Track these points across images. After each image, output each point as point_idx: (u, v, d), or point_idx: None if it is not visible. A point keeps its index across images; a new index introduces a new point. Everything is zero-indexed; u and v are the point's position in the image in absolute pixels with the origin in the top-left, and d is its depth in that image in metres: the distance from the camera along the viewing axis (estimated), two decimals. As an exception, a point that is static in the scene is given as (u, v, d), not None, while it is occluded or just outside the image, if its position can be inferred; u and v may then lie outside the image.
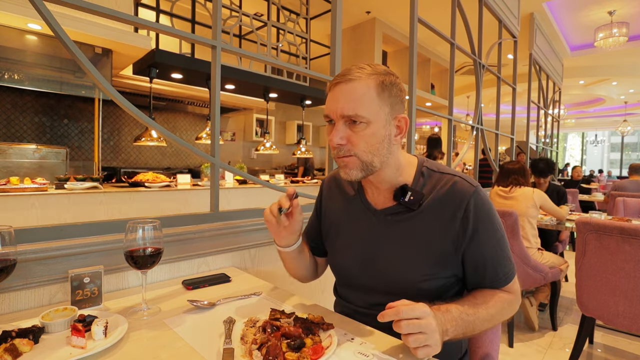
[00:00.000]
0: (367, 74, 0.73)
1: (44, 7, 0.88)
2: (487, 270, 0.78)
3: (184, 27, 3.77)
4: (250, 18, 3.45)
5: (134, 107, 1.08)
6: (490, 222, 0.77)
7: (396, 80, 0.76)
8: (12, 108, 4.00)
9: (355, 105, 0.72)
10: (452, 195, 0.77)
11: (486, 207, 0.77)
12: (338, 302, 0.96)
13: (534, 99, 4.76)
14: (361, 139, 0.73)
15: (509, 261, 0.79)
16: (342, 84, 0.73)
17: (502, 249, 0.78)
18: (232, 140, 6.66)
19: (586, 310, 1.78)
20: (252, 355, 0.62)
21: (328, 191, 0.99)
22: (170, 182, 2.92)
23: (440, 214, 0.77)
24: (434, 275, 0.79)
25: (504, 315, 0.77)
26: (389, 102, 0.75)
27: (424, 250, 0.78)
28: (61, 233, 0.93)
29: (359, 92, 0.72)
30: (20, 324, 0.72)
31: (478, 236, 0.76)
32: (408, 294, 0.79)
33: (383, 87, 0.74)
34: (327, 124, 0.79)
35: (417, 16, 2.18)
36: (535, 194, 2.41)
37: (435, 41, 5.68)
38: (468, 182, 0.78)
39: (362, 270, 0.85)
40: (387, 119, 0.75)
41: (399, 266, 0.80)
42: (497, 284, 0.79)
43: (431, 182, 0.81)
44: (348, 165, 0.76)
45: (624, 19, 5.00)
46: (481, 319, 0.71)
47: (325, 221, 0.97)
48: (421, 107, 2.30)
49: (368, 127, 0.73)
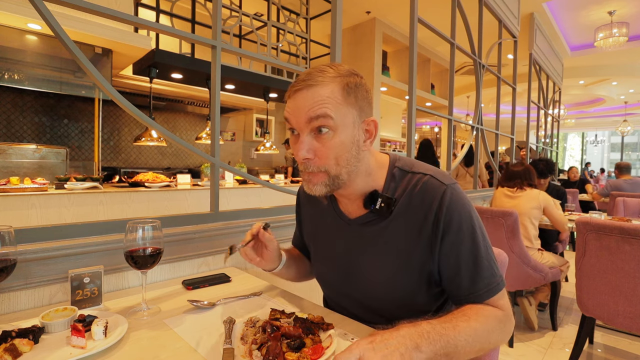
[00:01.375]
0: (330, 78, 0.67)
1: (44, 7, 0.88)
2: (463, 277, 0.69)
3: (184, 27, 3.77)
4: (250, 18, 3.45)
5: (134, 107, 1.08)
6: (464, 222, 0.69)
7: (361, 80, 0.70)
8: (12, 108, 4.00)
9: (321, 106, 0.65)
10: (422, 196, 0.71)
11: (459, 206, 0.70)
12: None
13: (534, 99, 4.75)
14: (330, 150, 0.67)
15: (491, 271, 0.69)
16: (304, 90, 0.66)
17: (481, 254, 0.69)
18: (232, 140, 6.66)
19: (586, 310, 1.78)
20: (252, 355, 0.62)
21: (304, 200, 0.96)
22: (170, 182, 2.92)
23: (412, 218, 0.72)
24: (416, 287, 0.74)
25: (491, 334, 0.65)
26: (357, 106, 0.69)
27: (402, 260, 0.73)
28: (61, 233, 0.93)
29: (324, 95, 0.66)
30: (20, 324, 0.72)
31: (450, 237, 0.69)
32: (393, 309, 0.76)
33: (348, 91, 0.67)
34: (291, 135, 0.72)
35: (417, 16, 2.18)
36: (541, 196, 2.42)
37: (435, 41, 5.68)
38: (439, 180, 0.72)
39: (344, 284, 0.82)
40: (355, 124, 0.69)
41: (378, 278, 0.75)
42: (478, 297, 0.69)
43: (402, 184, 0.75)
44: (312, 180, 0.70)
45: (624, 19, 5.00)
46: (463, 333, 0.60)
47: (304, 230, 0.96)
48: (421, 107, 2.31)
49: (335, 135, 0.67)
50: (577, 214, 3.08)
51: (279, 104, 6.46)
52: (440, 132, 11.48)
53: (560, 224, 2.47)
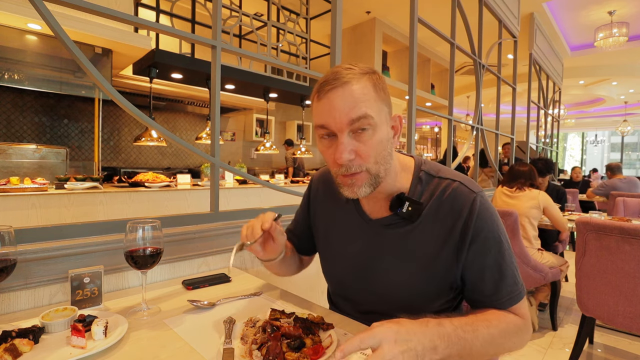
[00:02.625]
0: (359, 74, 0.65)
1: (44, 7, 0.88)
2: (486, 284, 0.70)
3: (184, 27, 3.77)
4: (250, 18, 3.46)
5: (134, 107, 1.08)
6: (491, 231, 0.70)
7: (383, 77, 0.70)
8: (12, 108, 4.00)
9: (361, 105, 0.63)
10: (451, 203, 0.71)
11: (487, 214, 0.70)
12: (332, 310, 0.91)
13: (534, 99, 4.75)
14: (371, 149, 0.65)
15: (514, 280, 0.70)
16: (338, 89, 0.63)
17: (505, 263, 0.70)
18: (232, 140, 6.67)
19: (586, 310, 1.78)
20: (252, 355, 0.62)
21: (317, 192, 0.92)
22: (170, 182, 2.92)
23: (439, 225, 0.71)
24: (435, 292, 0.73)
25: (508, 341, 0.66)
26: (386, 101, 0.68)
27: (425, 266, 0.72)
28: (61, 233, 0.93)
29: (360, 93, 0.63)
30: (20, 324, 0.72)
31: (478, 244, 0.69)
32: (410, 313, 0.73)
33: (377, 87, 0.66)
34: (320, 139, 0.69)
35: (417, 16, 2.18)
36: (540, 196, 2.41)
37: (435, 41, 5.68)
38: (468, 187, 0.72)
39: (356, 284, 0.80)
40: (387, 120, 0.68)
41: (397, 282, 0.74)
42: (500, 304, 0.69)
43: (429, 188, 0.74)
44: (356, 183, 0.67)
45: (624, 19, 5.00)
46: (480, 339, 0.60)
47: (314, 222, 0.92)
48: (421, 107, 2.30)
49: (375, 133, 0.65)
50: (577, 214, 3.08)
51: (279, 104, 6.46)
52: (440, 132, 11.48)
53: (560, 224, 2.47)
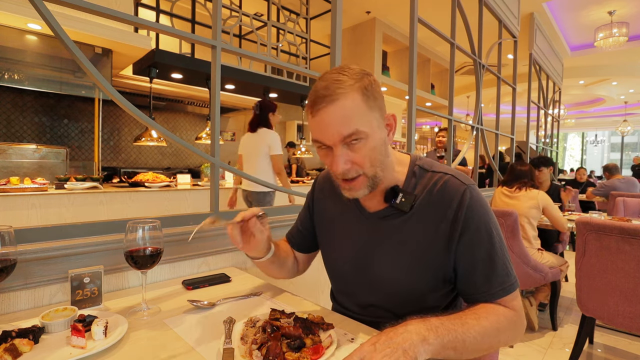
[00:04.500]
0: (349, 86, 0.66)
1: (44, 7, 0.88)
2: (478, 275, 0.71)
3: (184, 27, 3.77)
4: (250, 18, 3.45)
5: (134, 107, 1.08)
6: (482, 222, 0.71)
7: (374, 78, 0.71)
8: (12, 108, 4.01)
9: (351, 122, 0.66)
10: (442, 194, 0.73)
11: (478, 206, 0.72)
12: (335, 308, 0.93)
13: (534, 99, 4.75)
14: (365, 156, 0.69)
15: (506, 271, 0.71)
16: (329, 106, 0.66)
17: (497, 254, 0.71)
18: (232, 140, 6.66)
19: (586, 310, 1.78)
20: (252, 355, 0.62)
21: (320, 191, 0.95)
22: (170, 182, 2.92)
23: (431, 216, 0.73)
24: (429, 284, 0.75)
25: (502, 333, 0.67)
26: (377, 107, 0.69)
27: (417, 256, 0.74)
28: (61, 233, 0.93)
29: (350, 109, 0.66)
30: (20, 324, 0.72)
31: (468, 236, 0.71)
32: (407, 305, 0.77)
33: (368, 94, 0.68)
34: (318, 149, 0.72)
35: (417, 16, 2.18)
36: (540, 196, 2.41)
37: (435, 41, 5.68)
38: (459, 180, 0.74)
39: (357, 277, 0.82)
40: (379, 126, 0.70)
41: (393, 273, 0.77)
42: (492, 295, 0.70)
43: (423, 181, 0.77)
44: (355, 187, 0.72)
45: (624, 19, 5.00)
46: (472, 330, 0.62)
47: (317, 219, 0.95)
48: (421, 107, 2.30)
49: (368, 141, 0.68)
50: (577, 214, 3.08)
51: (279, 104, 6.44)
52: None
53: (560, 224, 2.47)
